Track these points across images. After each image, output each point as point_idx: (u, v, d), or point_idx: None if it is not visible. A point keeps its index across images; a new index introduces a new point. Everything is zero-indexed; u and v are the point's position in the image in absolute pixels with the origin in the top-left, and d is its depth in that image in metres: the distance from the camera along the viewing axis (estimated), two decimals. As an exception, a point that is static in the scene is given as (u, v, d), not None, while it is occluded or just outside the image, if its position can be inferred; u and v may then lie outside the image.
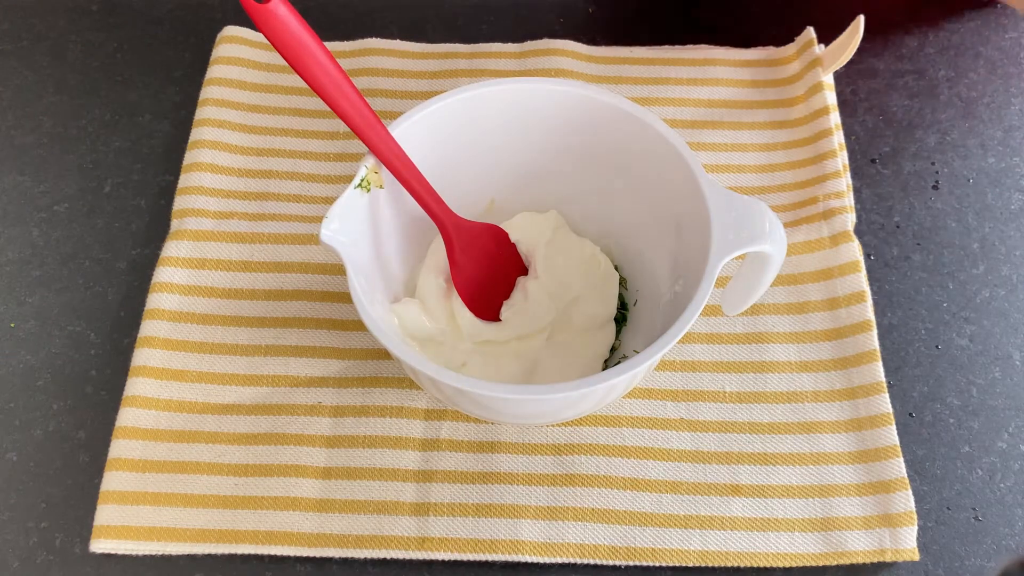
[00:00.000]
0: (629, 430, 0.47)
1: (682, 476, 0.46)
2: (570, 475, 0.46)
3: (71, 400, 0.49)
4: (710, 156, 0.56)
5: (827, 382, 0.49)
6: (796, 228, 0.53)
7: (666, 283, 0.47)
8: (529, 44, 0.60)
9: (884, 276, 0.53)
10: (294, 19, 0.38)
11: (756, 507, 0.45)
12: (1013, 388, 0.49)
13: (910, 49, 0.62)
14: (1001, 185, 0.56)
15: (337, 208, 0.41)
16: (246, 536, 0.44)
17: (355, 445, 0.47)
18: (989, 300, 0.52)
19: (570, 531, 0.45)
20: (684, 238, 0.45)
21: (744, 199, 0.42)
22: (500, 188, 0.51)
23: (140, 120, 0.57)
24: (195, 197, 0.54)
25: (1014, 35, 0.62)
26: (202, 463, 0.46)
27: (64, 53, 0.61)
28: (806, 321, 0.50)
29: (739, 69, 0.59)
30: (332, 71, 0.40)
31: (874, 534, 0.44)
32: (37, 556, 0.45)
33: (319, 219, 0.41)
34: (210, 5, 0.63)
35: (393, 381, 0.49)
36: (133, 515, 0.45)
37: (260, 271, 0.52)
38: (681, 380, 0.49)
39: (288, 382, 0.49)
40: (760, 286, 0.44)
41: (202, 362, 0.49)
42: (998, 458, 0.47)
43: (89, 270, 0.53)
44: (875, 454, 0.46)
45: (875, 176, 0.57)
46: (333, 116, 0.57)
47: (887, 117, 0.59)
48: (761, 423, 0.48)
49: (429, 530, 0.45)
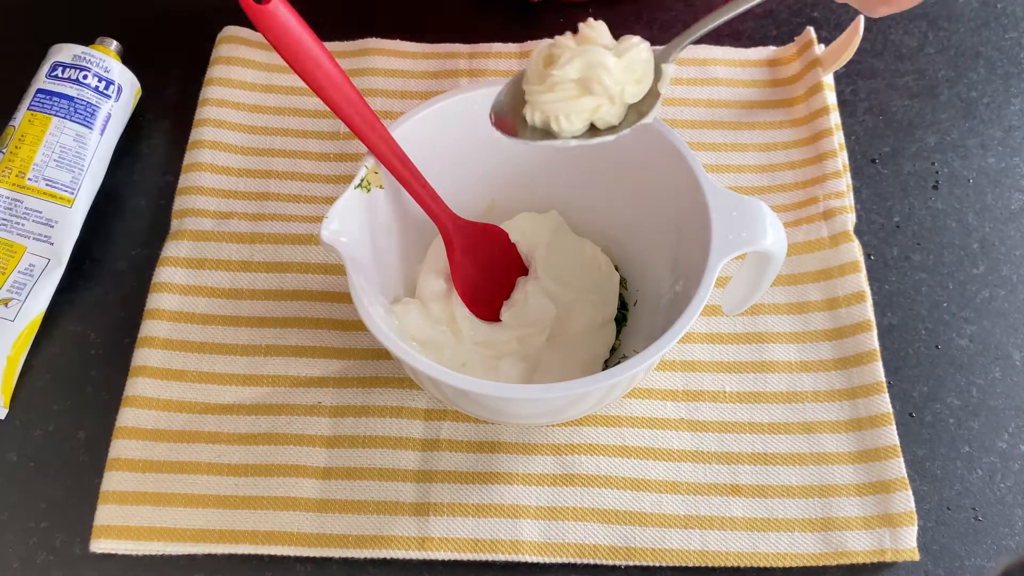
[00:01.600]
0: (629, 430, 0.47)
1: (682, 476, 0.46)
2: (570, 475, 0.46)
3: (71, 400, 0.49)
4: (710, 156, 0.56)
5: (827, 382, 0.49)
6: (796, 228, 0.53)
7: (666, 283, 0.47)
8: (529, 44, 0.60)
9: (884, 276, 0.53)
10: (294, 20, 0.38)
11: (756, 507, 0.45)
12: (1013, 388, 0.49)
13: (910, 49, 0.62)
14: (1001, 185, 0.56)
15: (337, 208, 0.41)
16: (246, 536, 0.44)
17: (355, 445, 0.47)
18: (989, 300, 0.52)
19: (570, 531, 0.45)
20: (684, 238, 0.45)
21: (744, 199, 0.42)
22: (500, 188, 0.51)
23: (140, 120, 0.57)
24: (195, 197, 0.54)
25: (1014, 35, 0.62)
26: (202, 463, 0.46)
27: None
28: (806, 321, 0.50)
29: (739, 69, 0.59)
30: (332, 72, 0.40)
31: (874, 534, 0.44)
32: (37, 556, 0.45)
33: (319, 219, 0.41)
34: (210, 5, 0.63)
35: (393, 381, 0.49)
36: (133, 515, 0.45)
37: (260, 271, 0.52)
38: (681, 380, 0.49)
39: (288, 382, 0.49)
40: (760, 286, 0.44)
41: (202, 362, 0.49)
42: (998, 458, 0.47)
43: (89, 270, 0.53)
44: (875, 454, 0.46)
45: (875, 176, 0.57)
46: (333, 116, 0.57)
47: (887, 117, 0.59)
48: (761, 423, 0.48)
49: (429, 530, 0.45)
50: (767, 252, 0.41)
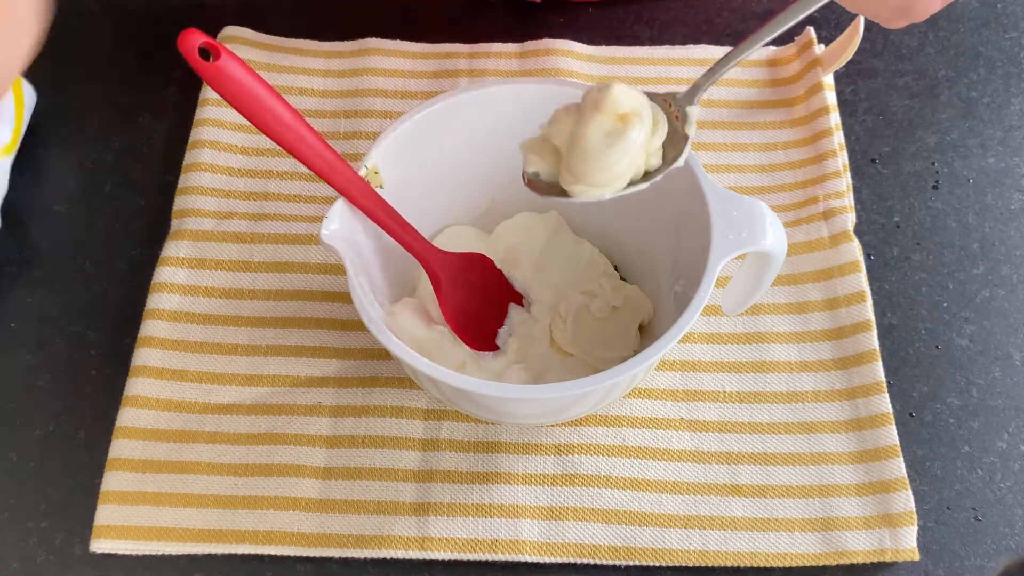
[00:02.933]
0: (629, 430, 0.47)
1: (682, 476, 0.46)
2: (570, 475, 0.46)
3: (71, 400, 0.49)
4: (710, 156, 0.56)
5: (827, 382, 0.49)
6: (796, 228, 0.53)
7: (666, 283, 0.47)
8: (529, 44, 0.60)
9: (884, 276, 0.53)
10: (246, 73, 0.37)
11: (756, 507, 0.45)
12: (1013, 388, 0.49)
13: (910, 49, 0.62)
14: (1001, 185, 0.56)
15: (337, 208, 0.41)
16: (246, 536, 0.44)
17: (355, 445, 0.47)
18: (989, 300, 0.52)
19: (570, 531, 0.45)
20: (684, 238, 0.45)
21: (745, 199, 0.42)
22: (500, 189, 0.51)
23: (140, 120, 0.57)
24: (195, 197, 0.54)
25: (1014, 35, 0.62)
26: (202, 463, 0.46)
27: (64, 53, 0.61)
28: (806, 321, 0.50)
29: (739, 69, 0.59)
30: (290, 120, 0.39)
31: (874, 534, 0.44)
32: (37, 556, 0.45)
33: (319, 219, 0.41)
34: (210, 5, 0.63)
35: (393, 381, 0.49)
36: (133, 515, 0.45)
37: (260, 271, 0.52)
38: (681, 380, 0.49)
39: (288, 382, 0.49)
40: (760, 286, 0.44)
41: (202, 362, 0.49)
42: (998, 458, 0.47)
43: (89, 270, 0.53)
44: (875, 454, 0.46)
45: (875, 176, 0.57)
46: (333, 116, 0.57)
47: (887, 117, 0.59)
48: (761, 423, 0.48)
49: (429, 530, 0.45)
50: (767, 252, 0.41)
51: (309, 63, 0.59)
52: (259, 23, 0.61)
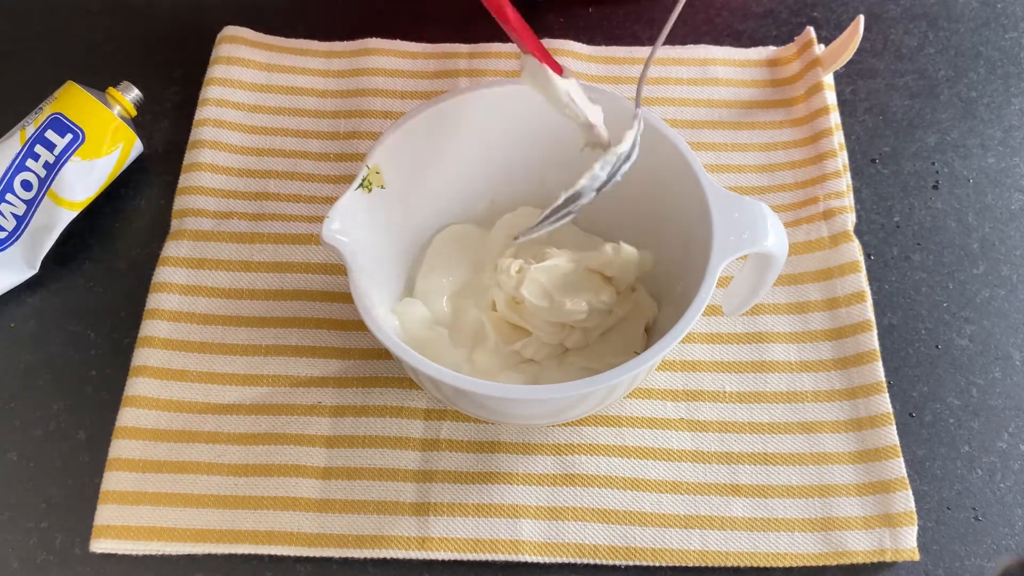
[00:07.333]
0: (629, 430, 0.47)
1: (682, 476, 0.46)
2: (570, 475, 0.46)
3: (71, 400, 0.49)
4: (710, 156, 0.56)
5: (827, 382, 0.49)
6: (796, 228, 0.53)
7: (668, 284, 0.47)
8: (529, 44, 0.60)
9: (884, 276, 0.53)
10: None
11: (756, 507, 0.45)
12: (1013, 388, 0.49)
13: (910, 49, 0.62)
14: (1001, 185, 0.56)
15: (338, 208, 0.41)
16: (246, 536, 0.44)
17: (355, 445, 0.47)
18: (989, 300, 0.52)
19: (570, 531, 0.45)
20: (685, 239, 0.45)
21: (745, 200, 0.42)
22: (500, 188, 0.51)
23: (140, 120, 0.57)
24: (195, 197, 0.54)
25: (1014, 35, 0.62)
26: (202, 463, 0.46)
27: (64, 53, 0.61)
28: (806, 321, 0.50)
29: (739, 69, 0.59)
30: None
31: (874, 534, 0.44)
32: (37, 556, 0.45)
33: (319, 219, 0.41)
34: (210, 5, 0.63)
35: (393, 381, 0.49)
36: (133, 515, 0.45)
37: (260, 271, 0.52)
38: (681, 380, 0.49)
39: (288, 382, 0.49)
40: (762, 287, 0.44)
41: (202, 362, 0.49)
42: (998, 458, 0.48)
43: (89, 270, 0.53)
44: (875, 454, 0.46)
45: (875, 176, 0.57)
46: (333, 116, 0.57)
47: (887, 117, 0.59)
48: (761, 423, 0.48)
49: (429, 530, 0.45)
50: (768, 253, 0.41)
51: (309, 63, 0.59)
52: (259, 23, 0.61)
